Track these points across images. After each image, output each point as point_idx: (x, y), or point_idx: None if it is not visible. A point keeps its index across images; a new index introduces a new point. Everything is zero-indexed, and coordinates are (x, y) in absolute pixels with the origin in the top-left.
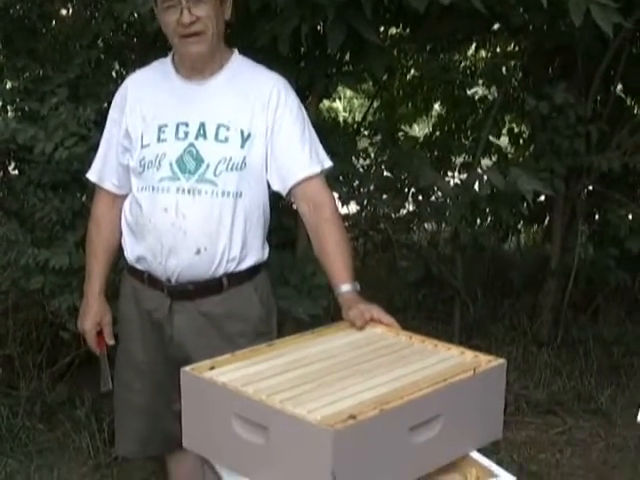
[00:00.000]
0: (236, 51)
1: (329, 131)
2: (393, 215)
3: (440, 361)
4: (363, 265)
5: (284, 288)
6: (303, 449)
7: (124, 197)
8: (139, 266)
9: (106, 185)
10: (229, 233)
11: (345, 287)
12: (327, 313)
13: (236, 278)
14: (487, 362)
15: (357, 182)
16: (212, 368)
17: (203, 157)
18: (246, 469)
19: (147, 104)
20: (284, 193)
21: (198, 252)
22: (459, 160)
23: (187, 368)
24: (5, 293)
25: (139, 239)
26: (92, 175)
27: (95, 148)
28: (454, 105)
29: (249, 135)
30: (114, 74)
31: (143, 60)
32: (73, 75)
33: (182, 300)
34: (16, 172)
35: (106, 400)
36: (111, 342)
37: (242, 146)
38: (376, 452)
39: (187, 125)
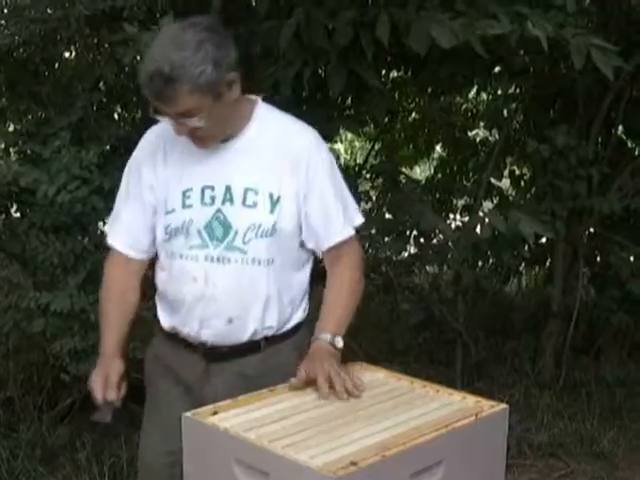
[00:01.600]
0: (259, 100)
1: None
2: (394, 258)
3: (442, 406)
4: (365, 308)
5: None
6: None
7: (141, 262)
8: (172, 332)
9: (130, 253)
10: (264, 303)
11: (323, 335)
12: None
13: (275, 340)
14: (489, 407)
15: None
16: (215, 413)
17: (231, 223)
18: None
19: (169, 165)
20: (318, 253)
21: (230, 321)
22: (461, 202)
23: (188, 413)
24: (6, 335)
25: (172, 311)
26: (116, 242)
27: (97, 191)
28: (455, 147)
29: (278, 198)
30: (116, 117)
31: (145, 104)
32: (76, 118)
33: (218, 362)
34: (18, 215)
35: (107, 443)
36: (111, 397)
37: (272, 211)
38: None
39: (213, 189)
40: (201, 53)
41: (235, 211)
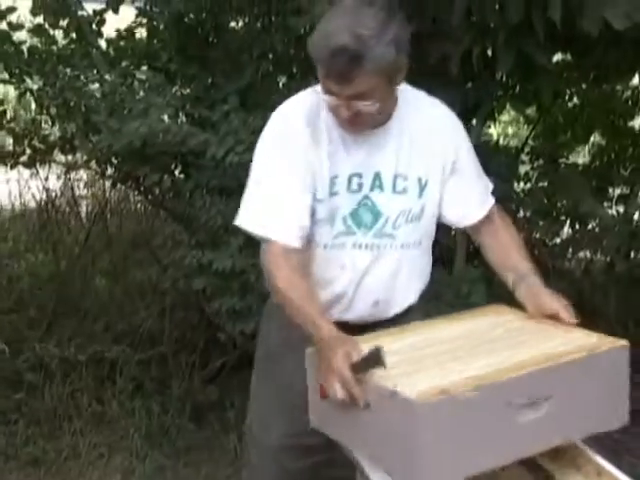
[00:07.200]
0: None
1: (490, 154)
2: (548, 242)
3: (561, 344)
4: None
5: (436, 302)
6: (397, 422)
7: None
8: None
9: (296, 243)
10: (406, 284)
11: (531, 275)
12: None
13: (409, 311)
14: (609, 343)
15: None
16: None
17: (380, 210)
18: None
19: (319, 149)
20: (456, 226)
21: (376, 304)
22: (617, 191)
23: (311, 349)
24: (163, 294)
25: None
26: (281, 235)
27: None
28: (614, 135)
29: (426, 182)
30: (281, 86)
31: (305, 74)
32: (243, 84)
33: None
34: (182, 176)
35: None
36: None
37: (420, 195)
38: (472, 429)
39: (360, 176)
40: (387, 33)
41: (385, 198)
